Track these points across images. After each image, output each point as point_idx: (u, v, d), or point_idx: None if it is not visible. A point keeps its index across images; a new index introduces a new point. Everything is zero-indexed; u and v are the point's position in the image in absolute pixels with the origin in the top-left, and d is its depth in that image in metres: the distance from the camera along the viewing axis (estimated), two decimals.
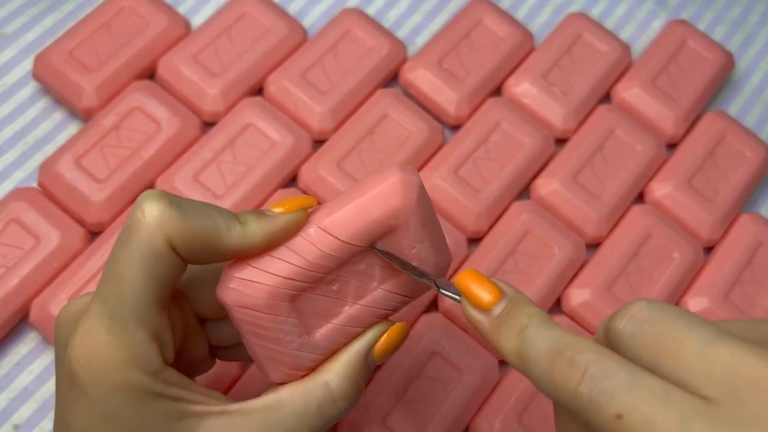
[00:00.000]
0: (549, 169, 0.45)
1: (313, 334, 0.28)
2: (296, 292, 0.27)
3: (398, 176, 0.28)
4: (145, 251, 0.25)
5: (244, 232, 0.26)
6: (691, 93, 0.48)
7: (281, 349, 0.28)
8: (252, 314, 0.27)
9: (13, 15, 0.46)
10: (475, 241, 0.43)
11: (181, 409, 0.26)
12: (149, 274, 0.25)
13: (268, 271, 0.27)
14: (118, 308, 0.25)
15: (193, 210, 0.26)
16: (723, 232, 0.45)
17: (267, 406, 0.27)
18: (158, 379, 0.26)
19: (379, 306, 0.29)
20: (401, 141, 0.44)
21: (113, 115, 0.42)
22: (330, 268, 0.28)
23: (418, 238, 0.28)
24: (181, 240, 0.25)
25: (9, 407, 0.38)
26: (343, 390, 0.28)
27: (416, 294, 0.30)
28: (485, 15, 0.48)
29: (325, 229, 0.27)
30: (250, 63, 0.45)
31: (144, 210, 0.25)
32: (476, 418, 0.39)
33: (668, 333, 0.22)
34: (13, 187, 0.42)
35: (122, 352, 0.25)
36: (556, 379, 0.23)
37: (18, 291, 0.38)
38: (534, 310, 0.25)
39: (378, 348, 0.29)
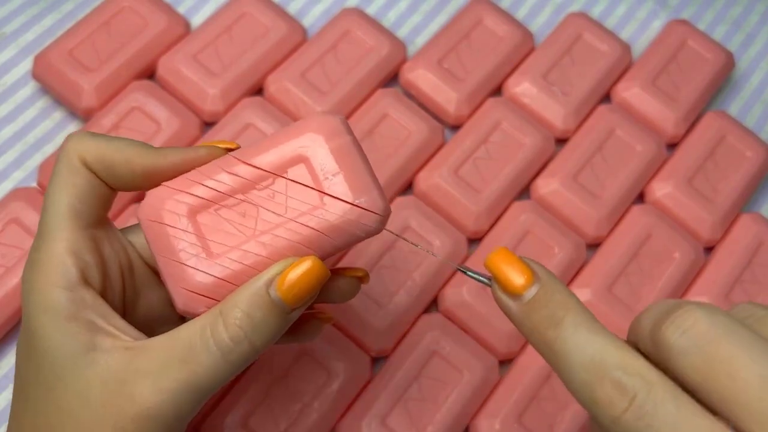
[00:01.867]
0: (549, 169, 0.45)
1: (213, 255, 0.28)
2: (196, 208, 0.28)
3: (313, 114, 0.29)
4: (61, 167, 0.28)
5: (156, 154, 0.28)
6: (692, 93, 0.48)
7: (179, 264, 0.28)
8: (157, 227, 0.28)
9: (12, 15, 0.46)
10: (475, 241, 0.43)
11: (90, 339, 0.26)
12: (65, 186, 0.28)
13: (172, 187, 0.28)
14: (41, 222, 0.28)
15: (111, 137, 0.29)
16: (723, 232, 0.45)
17: (168, 340, 0.26)
18: (73, 296, 0.27)
19: (289, 237, 0.28)
20: (401, 141, 0.44)
21: (113, 115, 0.42)
22: (234, 189, 0.28)
23: (330, 170, 0.28)
24: (93, 156, 0.28)
25: (9, 407, 0.38)
26: (238, 321, 0.26)
27: (334, 232, 0.28)
28: (485, 15, 0.48)
29: (234, 155, 0.29)
30: (250, 63, 0.45)
31: (65, 139, 0.29)
32: (476, 418, 0.39)
33: (723, 359, 0.20)
34: (13, 187, 0.42)
35: (43, 264, 0.27)
36: (599, 399, 0.21)
37: (18, 291, 0.38)
38: (570, 301, 0.24)
39: (280, 282, 0.26)
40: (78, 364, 0.26)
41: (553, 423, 0.39)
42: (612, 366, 0.22)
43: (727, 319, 0.21)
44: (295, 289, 0.26)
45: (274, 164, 0.28)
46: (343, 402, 0.38)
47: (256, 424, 0.37)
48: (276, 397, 0.37)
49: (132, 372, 0.26)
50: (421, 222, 0.42)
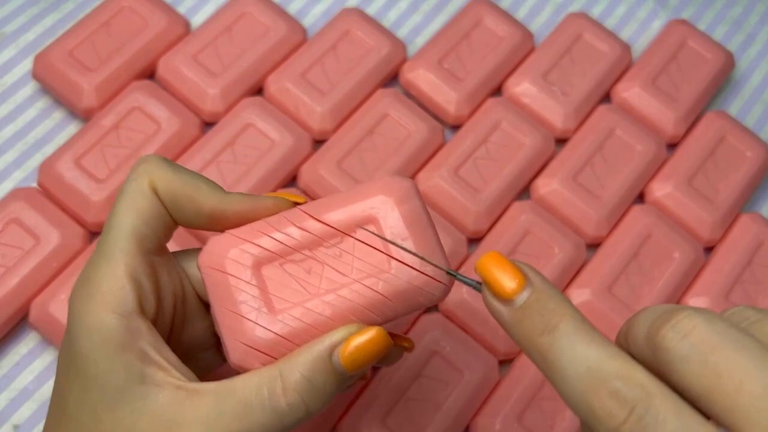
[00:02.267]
0: (549, 169, 0.45)
1: (275, 311, 0.27)
2: (262, 260, 0.27)
3: (386, 177, 0.29)
4: (130, 189, 0.28)
5: (224, 198, 0.28)
6: (691, 93, 0.48)
7: (239, 316, 0.27)
8: (216, 275, 0.27)
9: (13, 15, 0.46)
10: (475, 241, 0.43)
11: (143, 371, 0.26)
12: (132, 208, 0.27)
13: (239, 236, 0.28)
14: (102, 240, 0.27)
15: (184, 170, 0.28)
16: (723, 232, 0.45)
17: (221, 389, 0.26)
18: (128, 324, 0.26)
19: (354, 299, 0.27)
20: (401, 141, 0.44)
21: (113, 115, 0.42)
22: (301, 245, 0.28)
23: (399, 235, 0.27)
24: (164, 186, 0.28)
25: (9, 407, 0.38)
26: (296, 384, 0.26)
27: (398, 298, 0.27)
28: (485, 15, 0.48)
29: (303, 209, 0.28)
30: (250, 63, 0.45)
31: (138, 162, 0.28)
32: (476, 418, 0.39)
33: (726, 367, 0.20)
34: (13, 187, 0.42)
35: (100, 285, 0.26)
36: (596, 410, 0.21)
37: (18, 291, 0.38)
38: (565, 309, 0.23)
39: (344, 349, 0.26)
40: (129, 396, 0.26)
41: (553, 423, 0.39)
42: (610, 376, 0.21)
43: (727, 325, 0.21)
44: (357, 358, 0.26)
45: (343, 223, 0.28)
46: (344, 402, 0.38)
47: None
48: None
49: (184, 415, 0.26)
50: None
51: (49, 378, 0.39)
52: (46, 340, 0.39)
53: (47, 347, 0.39)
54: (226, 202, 0.28)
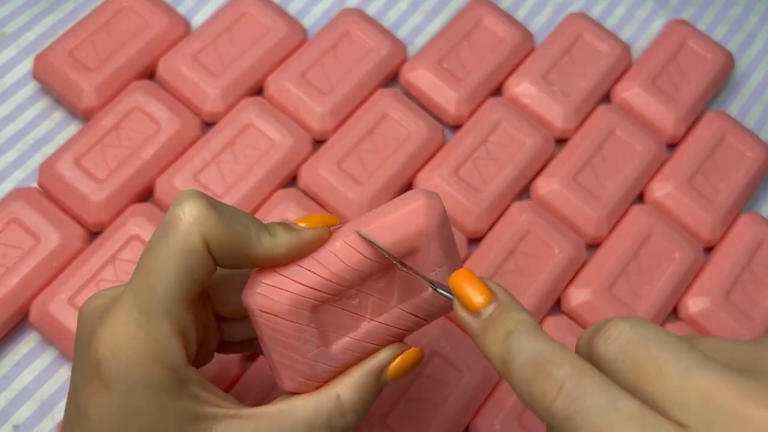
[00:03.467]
0: (549, 169, 0.45)
1: (330, 346, 0.29)
2: (318, 303, 0.28)
3: (423, 200, 0.29)
4: (181, 248, 0.26)
5: (272, 243, 0.27)
6: (691, 93, 0.48)
7: (298, 357, 0.28)
8: (274, 320, 0.28)
9: (13, 15, 0.46)
10: (475, 241, 0.43)
11: (197, 410, 0.27)
12: (183, 270, 0.26)
13: (294, 279, 0.28)
14: (148, 301, 0.26)
15: (229, 214, 0.27)
16: (723, 232, 0.45)
17: (279, 412, 0.28)
18: (179, 375, 0.26)
19: (395, 324, 0.29)
20: (401, 141, 0.44)
21: (113, 115, 0.42)
22: (352, 282, 0.29)
23: (437, 262, 0.29)
24: (216, 241, 0.26)
25: (9, 407, 0.38)
26: (352, 404, 0.29)
27: (431, 317, 0.30)
28: (485, 15, 0.48)
29: (351, 244, 0.28)
30: (250, 63, 0.45)
31: (184, 208, 0.26)
32: (476, 418, 0.39)
33: (649, 358, 0.22)
34: (13, 187, 0.42)
35: (148, 346, 0.26)
36: (534, 392, 0.23)
37: (18, 291, 0.38)
38: (522, 317, 0.25)
39: (391, 369, 0.29)
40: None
41: None
42: (546, 362, 0.23)
43: (649, 326, 0.23)
44: (401, 374, 0.30)
45: (388, 259, 0.28)
46: None
47: None
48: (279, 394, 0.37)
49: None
50: None
51: (49, 378, 0.39)
52: (46, 340, 0.39)
53: (47, 347, 0.39)
54: (275, 248, 0.27)
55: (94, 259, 0.39)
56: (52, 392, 0.38)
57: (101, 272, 0.39)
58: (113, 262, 0.39)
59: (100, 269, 0.39)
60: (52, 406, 0.38)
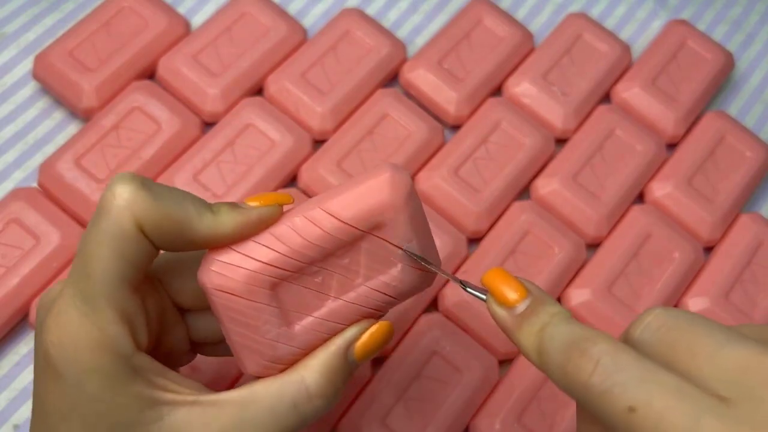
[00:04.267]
0: (549, 169, 0.45)
1: (293, 326, 0.28)
2: (277, 280, 0.27)
3: (389, 173, 0.28)
4: (113, 232, 0.25)
5: (215, 221, 0.26)
6: (691, 93, 0.48)
7: (259, 338, 0.27)
8: (231, 299, 0.27)
9: (13, 15, 0.46)
10: (475, 241, 0.43)
11: (153, 396, 0.26)
12: (117, 254, 0.25)
13: (250, 256, 0.27)
14: (87, 288, 0.25)
15: (165, 194, 0.26)
16: (723, 232, 0.45)
17: (241, 399, 0.27)
18: (130, 363, 0.26)
19: (362, 303, 0.28)
20: (401, 141, 0.44)
21: (113, 115, 0.42)
22: (313, 258, 0.27)
23: (405, 237, 0.28)
24: (150, 223, 0.25)
25: (9, 407, 0.38)
26: (319, 387, 0.27)
27: (402, 296, 0.29)
28: (485, 15, 0.48)
29: (311, 219, 0.27)
30: (250, 63, 0.45)
31: (114, 191, 0.25)
32: (476, 418, 0.39)
33: (682, 338, 0.23)
34: (13, 187, 0.42)
35: (93, 333, 0.25)
36: (569, 370, 0.23)
37: (18, 291, 0.38)
38: (556, 309, 0.26)
39: (358, 347, 0.28)
40: (143, 421, 0.26)
41: (553, 423, 0.39)
42: (579, 339, 0.23)
43: (681, 311, 0.24)
44: (369, 351, 0.28)
45: (352, 232, 0.27)
46: (344, 402, 0.38)
47: None
48: None
49: (203, 428, 0.26)
50: None
51: None
52: None
53: None
54: (219, 227, 0.26)
55: None
56: None
57: None
58: None
59: None
60: None
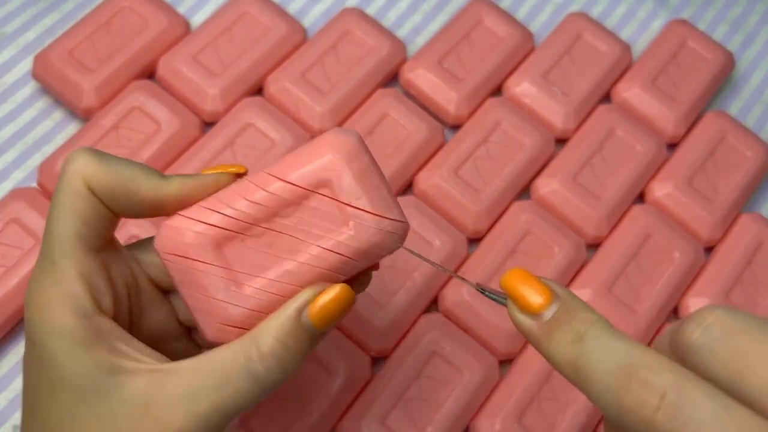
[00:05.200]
0: (549, 169, 0.45)
1: (243, 286, 0.28)
2: (222, 240, 0.27)
3: (332, 134, 0.28)
4: (66, 191, 0.27)
5: (161, 183, 0.28)
6: (691, 93, 0.48)
7: (210, 298, 0.27)
8: (180, 261, 0.27)
9: (12, 14, 0.46)
10: (475, 241, 0.43)
11: (114, 362, 0.26)
12: (71, 212, 0.27)
13: (194, 218, 0.28)
14: (47, 246, 0.27)
15: (116, 161, 0.28)
16: (723, 232, 0.45)
17: (197, 364, 0.26)
18: (90, 325, 0.26)
19: (317, 264, 0.28)
20: (401, 141, 0.44)
21: (113, 115, 0.42)
22: (258, 219, 0.28)
23: (353, 194, 0.27)
24: (98, 182, 0.27)
25: (9, 407, 0.38)
26: (271, 348, 0.26)
27: (361, 256, 0.28)
28: (485, 15, 0.48)
29: (254, 181, 0.28)
30: (250, 63, 0.45)
31: (68, 158, 0.28)
32: (476, 418, 0.39)
33: (753, 347, 0.20)
34: (13, 187, 0.42)
35: (54, 291, 0.26)
36: (627, 403, 0.20)
37: (18, 291, 0.38)
38: (593, 316, 0.23)
39: (311, 309, 0.27)
40: (103, 389, 0.26)
41: (553, 423, 0.39)
42: (638, 367, 0.21)
43: (746, 313, 0.21)
44: (325, 315, 0.27)
45: (297, 191, 0.27)
46: (343, 402, 0.38)
47: (256, 425, 0.37)
48: (276, 397, 0.37)
49: (162, 395, 0.26)
50: (421, 222, 0.42)
51: None
52: None
53: None
54: (165, 188, 0.28)
55: None
56: None
57: None
58: None
59: None
60: None
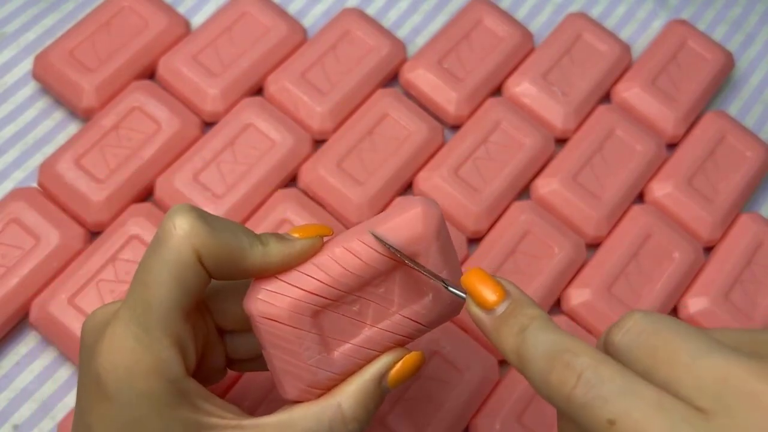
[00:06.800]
0: (549, 169, 0.45)
1: (332, 352, 0.29)
2: (319, 308, 0.28)
3: (421, 207, 0.29)
4: (173, 261, 0.26)
5: (265, 252, 0.28)
6: (691, 93, 0.48)
7: (300, 363, 0.28)
8: (275, 326, 0.28)
9: (13, 15, 0.46)
10: (475, 241, 0.43)
11: (199, 420, 0.27)
12: (176, 283, 0.26)
13: (294, 285, 0.28)
14: (145, 315, 0.26)
15: (221, 226, 0.27)
16: (723, 232, 0.45)
17: (280, 423, 0.28)
18: (179, 387, 0.27)
19: (396, 331, 0.29)
20: (401, 141, 0.44)
21: (113, 115, 0.42)
22: (352, 288, 0.29)
23: (436, 267, 0.29)
24: (208, 253, 0.27)
25: (9, 407, 0.38)
26: (354, 413, 0.29)
27: (432, 324, 0.30)
28: (485, 15, 0.48)
29: (350, 249, 0.29)
30: (250, 63, 0.45)
31: (175, 222, 0.27)
32: (476, 418, 0.39)
33: (663, 344, 0.23)
34: (13, 187, 0.42)
35: (147, 358, 0.26)
36: (552, 382, 0.23)
37: (18, 291, 0.38)
38: (535, 312, 0.26)
39: (392, 375, 0.29)
40: None
41: (553, 423, 0.39)
42: (562, 352, 0.23)
43: (662, 316, 0.24)
44: (402, 379, 0.29)
45: (388, 262, 0.29)
46: None
47: None
48: (275, 397, 0.37)
49: None
50: None
51: (48, 378, 0.39)
52: (46, 340, 0.39)
53: (47, 347, 0.39)
54: (269, 258, 0.28)
55: (94, 259, 0.39)
56: (52, 392, 0.38)
57: (101, 272, 0.39)
58: (113, 262, 0.39)
59: (100, 269, 0.39)
60: (52, 406, 0.38)
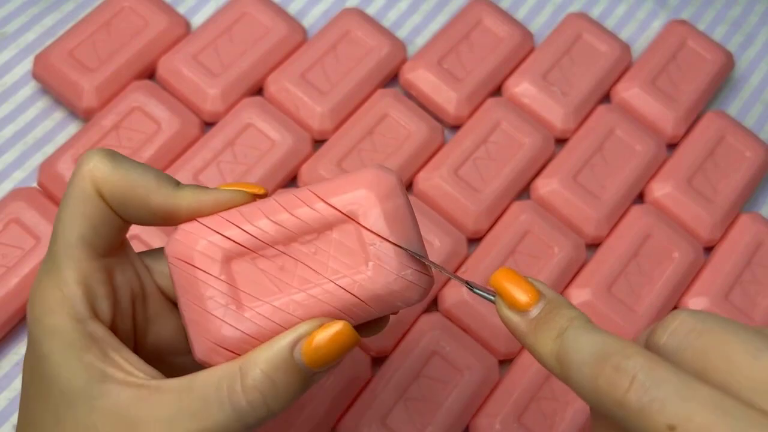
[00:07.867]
0: (549, 169, 0.45)
1: (243, 308, 0.26)
2: (233, 255, 0.26)
3: (373, 170, 0.27)
4: (74, 194, 0.27)
5: (174, 193, 0.27)
6: (691, 93, 0.48)
7: (206, 312, 0.26)
8: (185, 267, 0.26)
9: (13, 15, 0.46)
10: (475, 241, 0.43)
11: (104, 370, 0.26)
12: (77, 214, 0.27)
13: (209, 227, 0.26)
14: (51, 247, 0.27)
15: (130, 165, 0.27)
16: (723, 232, 0.45)
17: (180, 386, 0.25)
18: (86, 330, 0.26)
19: (326, 300, 0.26)
20: (401, 141, 0.44)
21: (113, 115, 0.42)
22: (275, 240, 0.26)
23: (380, 233, 0.26)
24: (110, 188, 0.26)
25: (9, 407, 0.38)
26: (256, 382, 0.25)
27: (376, 302, 0.26)
28: (485, 15, 0.48)
29: (280, 201, 0.27)
30: (250, 63, 0.45)
31: (80, 161, 0.27)
32: (476, 418, 0.39)
33: (715, 344, 0.21)
34: (13, 187, 0.42)
35: (52, 291, 0.26)
36: (601, 386, 0.22)
37: (18, 291, 0.38)
38: (574, 313, 0.24)
39: (305, 345, 0.25)
40: (88, 394, 0.25)
41: (553, 423, 0.39)
42: (611, 354, 0.22)
43: (709, 314, 0.22)
44: (321, 354, 0.25)
45: (321, 219, 0.26)
46: (343, 402, 0.38)
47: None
48: None
49: (144, 414, 0.25)
50: (420, 222, 0.42)
51: None
52: None
53: None
54: (178, 199, 0.27)
55: None
56: None
57: None
58: None
59: None
60: None
